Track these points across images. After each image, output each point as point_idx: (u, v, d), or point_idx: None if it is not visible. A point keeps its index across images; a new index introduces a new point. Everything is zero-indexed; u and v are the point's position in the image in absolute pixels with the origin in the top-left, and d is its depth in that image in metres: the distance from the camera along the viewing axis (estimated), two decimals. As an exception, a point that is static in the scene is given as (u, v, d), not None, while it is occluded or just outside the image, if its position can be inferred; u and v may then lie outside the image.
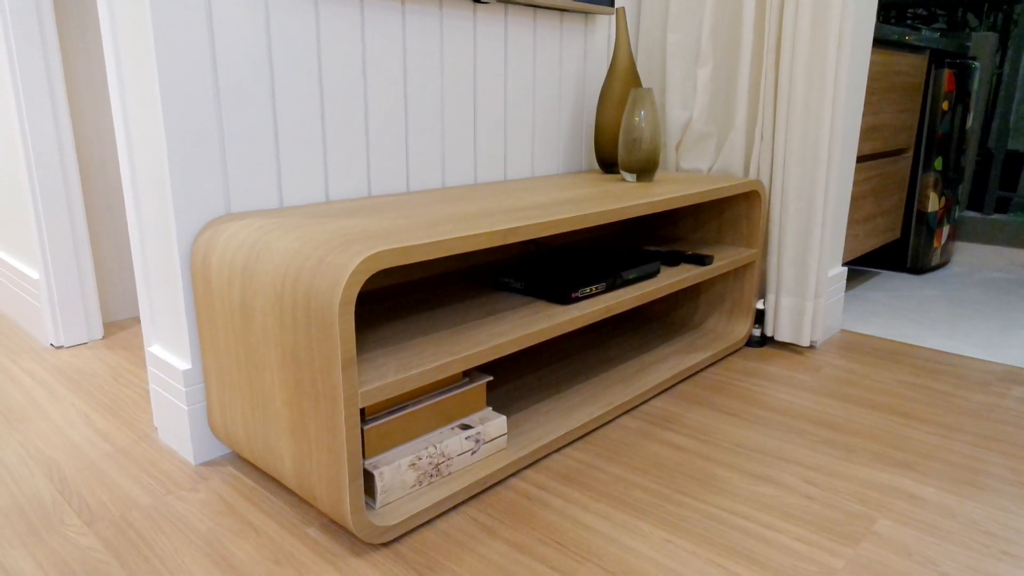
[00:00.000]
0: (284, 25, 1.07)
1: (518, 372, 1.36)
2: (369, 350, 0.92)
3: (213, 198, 1.03)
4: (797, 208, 1.48)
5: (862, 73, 1.58)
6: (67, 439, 1.17)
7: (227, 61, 1.01)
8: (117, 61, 1.03)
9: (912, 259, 2.23)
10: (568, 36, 1.55)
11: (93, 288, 1.61)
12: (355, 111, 1.19)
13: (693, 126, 1.60)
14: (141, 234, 1.10)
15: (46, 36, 1.46)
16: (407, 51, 1.24)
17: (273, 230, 0.92)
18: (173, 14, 0.95)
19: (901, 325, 1.76)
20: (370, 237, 0.85)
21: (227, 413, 1.01)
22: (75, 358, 1.53)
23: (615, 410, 1.22)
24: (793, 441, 1.16)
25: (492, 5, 1.37)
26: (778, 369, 1.46)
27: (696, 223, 1.60)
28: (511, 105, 1.46)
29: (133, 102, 1.02)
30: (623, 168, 1.42)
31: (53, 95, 1.48)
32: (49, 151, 1.49)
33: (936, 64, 2.08)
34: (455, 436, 0.98)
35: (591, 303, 1.12)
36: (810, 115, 1.43)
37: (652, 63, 1.68)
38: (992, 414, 1.26)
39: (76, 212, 1.56)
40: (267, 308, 0.86)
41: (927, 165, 2.15)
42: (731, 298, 1.57)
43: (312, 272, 0.80)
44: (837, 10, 1.36)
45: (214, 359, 1.01)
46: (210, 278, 0.96)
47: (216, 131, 1.02)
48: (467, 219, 0.98)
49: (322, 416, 0.82)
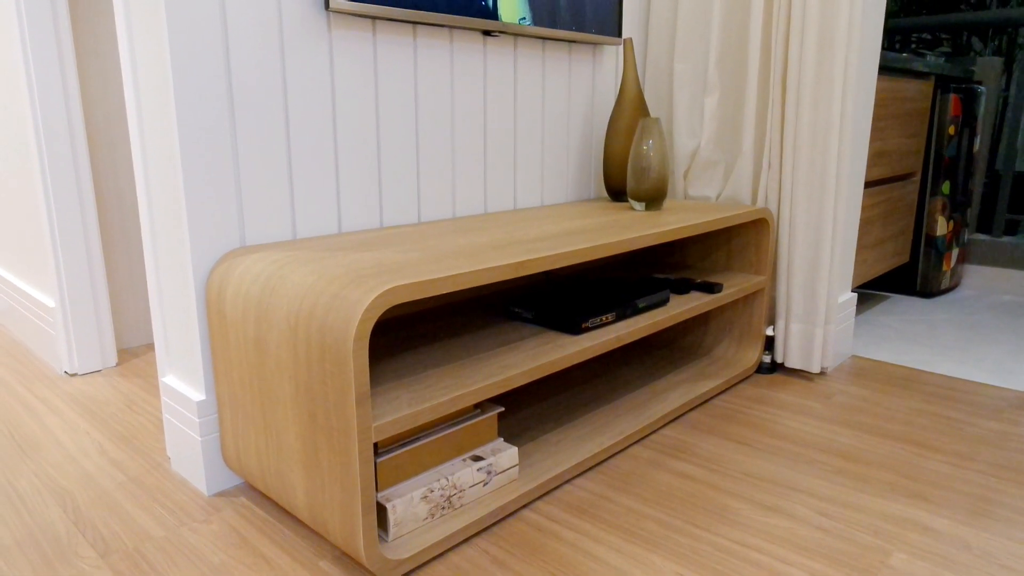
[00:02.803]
0: (299, 59, 1.09)
1: (528, 400, 1.36)
2: (382, 382, 0.92)
3: (228, 230, 1.05)
4: (805, 235, 1.48)
5: (868, 101, 1.60)
6: (81, 468, 1.18)
7: (243, 95, 1.03)
8: (136, 92, 1.05)
9: (922, 283, 2.22)
10: (576, 66, 1.57)
11: (108, 316, 1.63)
12: (367, 143, 1.21)
13: (701, 154, 1.61)
14: (157, 267, 1.11)
15: (64, 61, 1.49)
16: (418, 83, 1.26)
17: (287, 264, 0.93)
18: (191, 49, 0.97)
19: (912, 350, 1.75)
20: (383, 272, 0.87)
21: (240, 444, 1.02)
22: (89, 386, 1.54)
23: (626, 439, 1.22)
24: (805, 471, 1.15)
25: (502, 38, 1.39)
26: (789, 396, 1.46)
27: (705, 250, 1.61)
28: (521, 135, 1.48)
29: (151, 135, 1.04)
30: (632, 197, 1.43)
31: (71, 125, 1.51)
32: (67, 180, 1.52)
33: (942, 89, 2.09)
34: (467, 468, 0.98)
35: (601, 333, 1.13)
36: (817, 143, 1.44)
37: (659, 92, 1.69)
38: (1005, 442, 1.25)
39: (92, 241, 1.58)
40: (281, 342, 0.87)
41: (935, 189, 2.15)
42: (741, 324, 1.57)
43: (326, 307, 0.81)
44: (842, 39, 1.38)
45: (228, 390, 1.02)
46: (225, 311, 0.98)
47: (232, 165, 1.04)
48: (478, 252, 0.99)
49: (335, 450, 0.83)
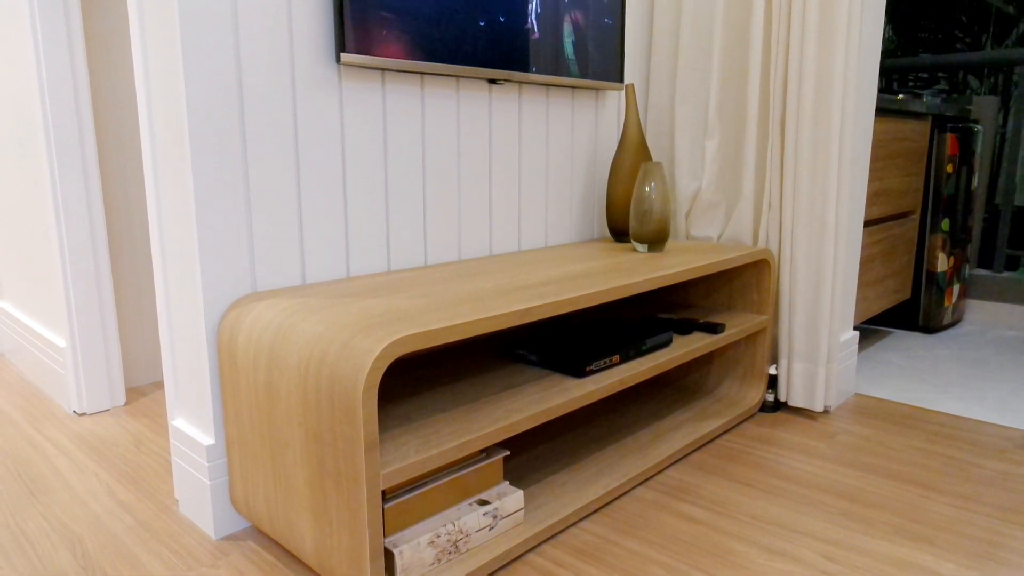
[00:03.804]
0: (310, 110, 1.13)
1: (533, 440, 1.37)
2: (389, 427, 0.94)
3: (240, 276, 1.07)
4: (806, 275, 1.50)
5: (866, 143, 1.63)
6: (90, 511, 1.19)
7: (256, 143, 1.07)
8: (151, 137, 1.09)
9: (924, 318, 2.23)
10: (580, 111, 1.61)
11: (117, 356, 1.65)
12: (375, 190, 1.24)
13: (702, 195, 1.64)
14: (168, 311, 1.14)
15: (81, 110, 1.53)
16: (425, 130, 1.30)
17: (298, 311, 0.95)
18: (207, 99, 1.00)
19: (915, 388, 1.76)
20: (392, 320, 0.88)
21: (249, 488, 1.03)
22: (97, 425, 1.56)
23: (630, 481, 1.22)
24: (810, 513, 1.16)
25: (506, 85, 1.43)
26: (793, 436, 1.47)
27: (708, 289, 1.63)
28: (525, 178, 1.51)
29: (165, 179, 1.07)
30: (634, 239, 1.45)
31: (85, 168, 1.55)
32: (80, 221, 1.55)
33: (939, 129, 2.13)
34: (473, 512, 0.99)
35: (605, 376, 1.14)
36: (816, 185, 1.46)
37: (661, 134, 1.73)
38: (1010, 483, 1.26)
39: (104, 283, 1.60)
40: (292, 389, 0.89)
41: (934, 226, 2.18)
42: (744, 363, 1.58)
43: (336, 356, 0.83)
44: (839, 84, 1.41)
45: (237, 434, 1.03)
46: (236, 357, 0.99)
47: (244, 212, 1.06)
48: (484, 298, 1.01)
49: (344, 497, 0.84)
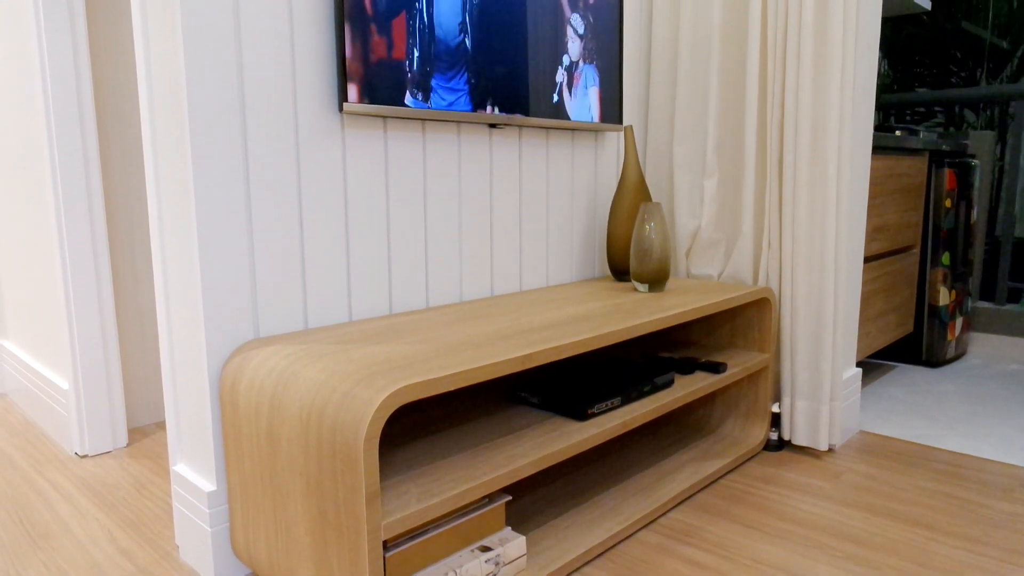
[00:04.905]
0: (313, 156, 1.15)
1: (535, 482, 1.36)
2: (391, 474, 0.94)
3: (243, 322, 1.08)
4: (807, 313, 1.51)
5: (863, 179, 1.64)
6: (90, 559, 1.18)
7: (259, 189, 1.08)
8: (156, 183, 1.10)
9: (927, 352, 2.23)
10: (579, 153, 1.63)
11: (120, 398, 1.65)
12: (377, 234, 1.25)
13: (702, 234, 1.66)
14: (172, 357, 1.14)
15: (88, 155, 1.55)
16: (427, 174, 1.32)
17: (300, 358, 0.96)
18: (211, 147, 1.02)
19: (919, 424, 1.75)
20: (393, 368, 0.89)
21: (251, 535, 1.03)
22: (99, 468, 1.55)
23: (634, 524, 1.21)
24: (816, 557, 1.15)
25: (507, 129, 1.45)
26: (797, 476, 1.46)
27: (709, 327, 1.63)
28: (526, 219, 1.52)
29: (170, 226, 1.09)
30: (635, 278, 1.46)
31: (92, 211, 1.57)
32: (85, 264, 1.57)
33: (936, 164, 2.15)
34: (475, 559, 0.99)
35: (607, 418, 1.14)
36: (814, 224, 1.48)
37: (660, 174, 1.75)
38: (1018, 525, 1.24)
39: (108, 325, 1.62)
40: (293, 437, 0.89)
41: (935, 260, 2.18)
42: (746, 402, 1.58)
43: (337, 406, 0.83)
44: (835, 123, 1.43)
45: (239, 481, 1.03)
46: (238, 403, 1.00)
47: (248, 257, 1.08)
48: (485, 343, 1.02)
49: (345, 547, 0.84)
